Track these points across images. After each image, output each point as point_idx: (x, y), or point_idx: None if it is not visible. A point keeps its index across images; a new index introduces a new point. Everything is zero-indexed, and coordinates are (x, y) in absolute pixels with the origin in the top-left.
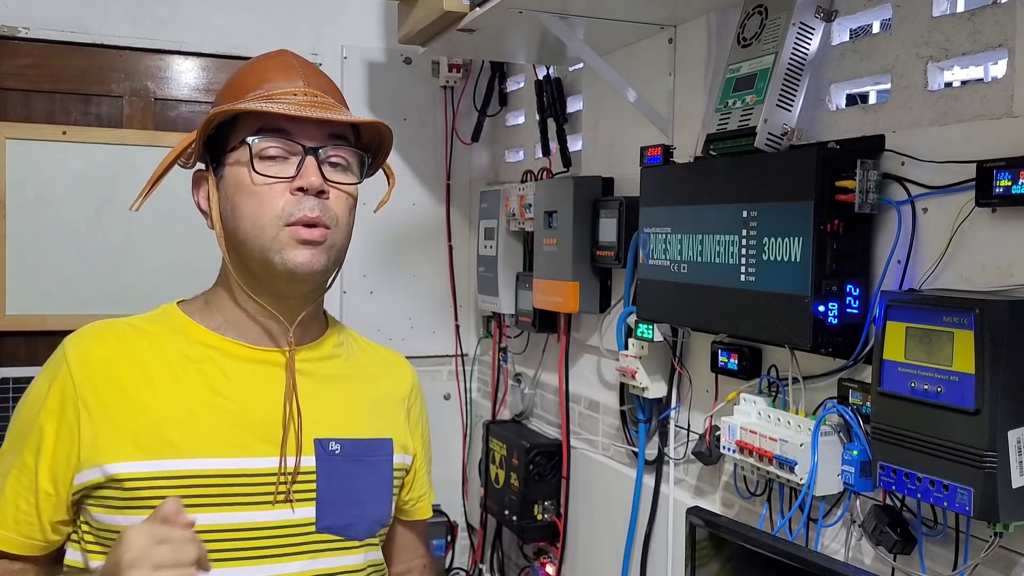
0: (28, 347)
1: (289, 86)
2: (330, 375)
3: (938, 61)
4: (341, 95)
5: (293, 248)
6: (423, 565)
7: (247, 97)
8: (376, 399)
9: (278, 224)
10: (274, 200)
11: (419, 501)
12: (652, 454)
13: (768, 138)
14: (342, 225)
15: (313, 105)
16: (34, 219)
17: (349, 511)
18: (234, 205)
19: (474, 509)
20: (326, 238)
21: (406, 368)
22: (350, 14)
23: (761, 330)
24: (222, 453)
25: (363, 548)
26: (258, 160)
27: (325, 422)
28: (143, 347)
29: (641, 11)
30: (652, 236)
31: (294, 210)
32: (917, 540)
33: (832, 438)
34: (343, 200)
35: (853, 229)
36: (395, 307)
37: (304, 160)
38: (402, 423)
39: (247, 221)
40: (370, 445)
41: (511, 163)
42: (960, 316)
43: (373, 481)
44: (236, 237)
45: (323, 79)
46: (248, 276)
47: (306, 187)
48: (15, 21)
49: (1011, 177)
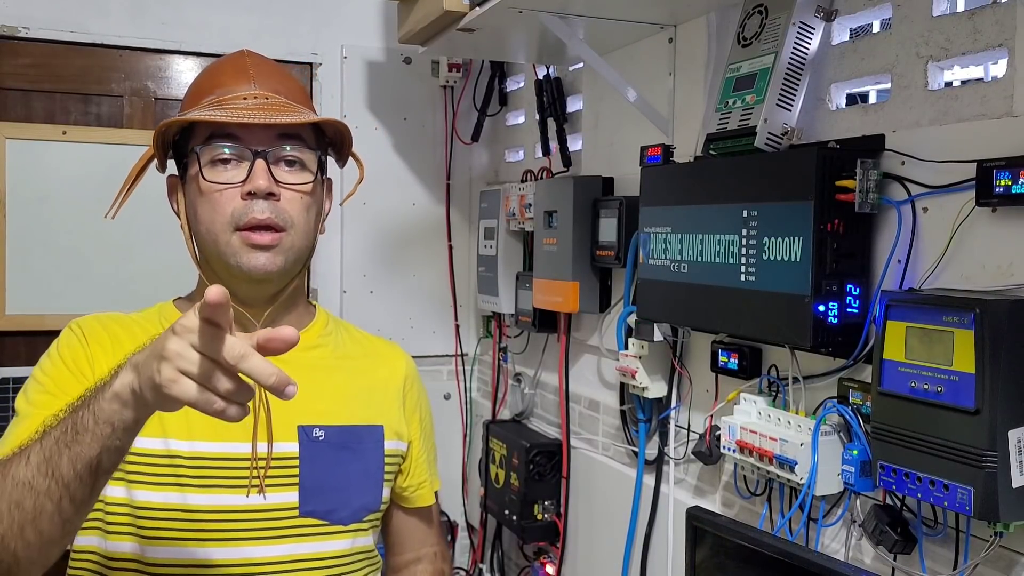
0: (28, 347)
1: (239, 90)
2: (314, 364)
3: (938, 61)
4: (301, 91)
5: (247, 252)
6: (434, 553)
7: (201, 103)
8: (368, 388)
9: (229, 229)
10: (225, 205)
11: (419, 488)
12: (652, 454)
13: (768, 138)
14: (299, 225)
15: (263, 108)
16: (34, 219)
17: (333, 497)
18: (194, 210)
19: (474, 509)
20: (280, 241)
21: (400, 357)
22: (350, 14)
23: (761, 330)
24: (204, 436)
25: (350, 534)
26: (209, 167)
27: (309, 410)
28: (125, 336)
29: (641, 11)
30: (652, 236)
31: (243, 214)
32: (917, 540)
33: (832, 438)
34: (297, 200)
35: (853, 229)
36: (395, 307)
37: (253, 164)
38: (396, 410)
39: (203, 226)
40: (358, 432)
41: (511, 163)
42: (960, 316)
43: (360, 467)
44: (198, 241)
45: (277, 77)
46: (214, 277)
47: (254, 190)
48: (15, 21)
49: (1011, 177)
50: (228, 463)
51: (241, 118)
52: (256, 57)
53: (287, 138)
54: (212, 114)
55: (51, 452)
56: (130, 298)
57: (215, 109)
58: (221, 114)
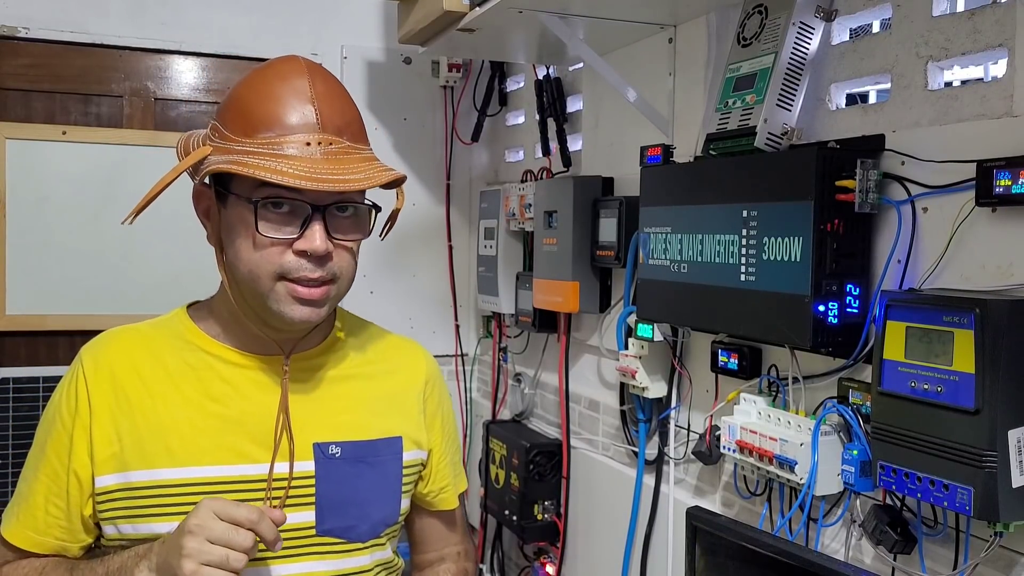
0: (28, 347)
1: (302, 128)
2: (333, 376)
3: (938, 61)
4: (359, 122)
5: (291, 304)
6: (457, 552)
7: (256, 138)
8: (386, 396)
9: (274, 277)
10: (275, 256)
11: (441, 492)
12: (652, 454)
13: (768, 138)
14: (345, 277)
15: (327, 158)
16: (34, 219)
17: (351, 513)
18: (234, 243)
19: (474, 509)
20: (326, 295)
21: (421, 358)
22: (350, 14)
23: (761, 330)
24: (218, 460)
25: (369, 549)
26: (262, 215)
27: (326, 425)
28: (145, 356)
29: (641, 11)
30: (652, 236)
31: (294, 270)
32: (917, 540)
33: (832, 438)
34: (349, 254)
35: (853, 229)
36: (395, 307)
37: (310, 221)
38: (415, 418)
39: (245, 267)
40: (375, 446)
41: (511, 163)
42: (960, 316)
43: (377, 482)
44: (234, 271)
45: (339, 107)
46: (244, 305)
47: (311, 252)
48: (15, 21)
49: (1011, 177)
50: (244, 485)
51: (310, 177)
52: (317, 77)
53: None
54: (278, 170)
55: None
56: (130, 298)
57: (276, 160)
58: (288, 170)
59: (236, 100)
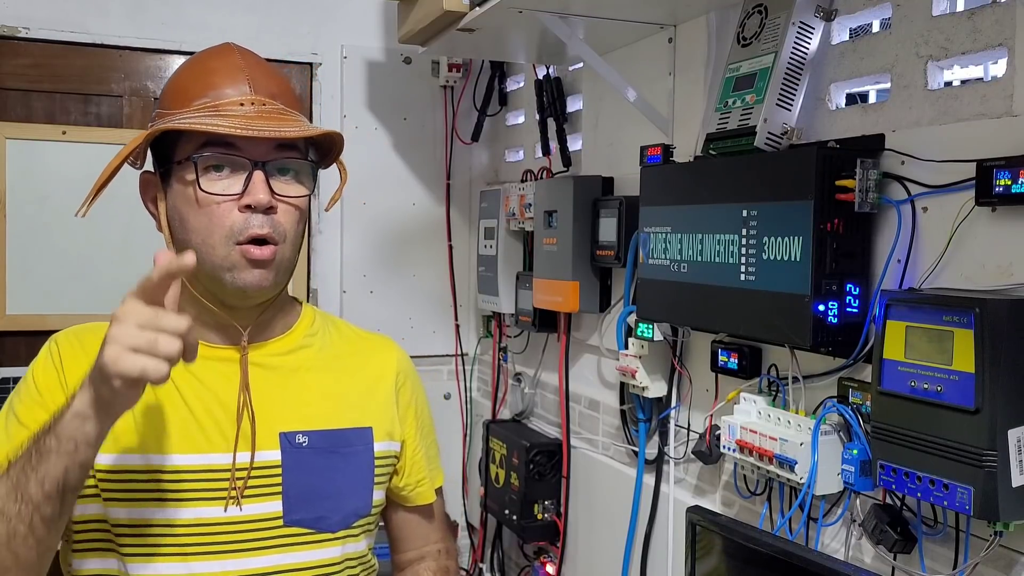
0: (28, 347)
1: (236, 93)
2: (298, 367)
3: (938, 60)
4: (291, 93)
5: (244, 269)
6: (437, 551)
7: (192, 106)
8: (357, 388)
9: (228, 243)
10: (223, 217)
11: (418, 486)
12: (652, 453)
13: (768, 137)
14: (290, 238)
15: (261, 116)
16: (34, 219)
17: (321, 504)
18: (182, 218)
19: (474, 508)
20: (275, 255)
21: (391, 352)
22: (350, 14)
23: (761, 329)
24: (181, 449)
25: (339, 541)
26: (204, 176)
27: (293, 415)
28: None
29: (641, 11)
30: (652, 236)
31: (242, 228)
32: (917, 539)
33: (832, 437)
34: (291, 213)
35: (853, 228)
36: (395, 307)
37: (252, 175)
38: (388, 410)
39: (197, 236)
40: (345, 435)
41: (511, 163)
42: (960, 315)
43: (348, 472)
44: (186, 248)
45: (271, 78)
46: (198, 285)
47: (254, 204)
48: (15, 21)
49: (1011, 176)
50: (209, 475)
51: (246, 128)
52: (247, 55)
53: (285, 148)
54: (215, 124)
55: (18, 478)
56: None
57: (213, 116)
58: (224, 124)
59: (173, 80)
